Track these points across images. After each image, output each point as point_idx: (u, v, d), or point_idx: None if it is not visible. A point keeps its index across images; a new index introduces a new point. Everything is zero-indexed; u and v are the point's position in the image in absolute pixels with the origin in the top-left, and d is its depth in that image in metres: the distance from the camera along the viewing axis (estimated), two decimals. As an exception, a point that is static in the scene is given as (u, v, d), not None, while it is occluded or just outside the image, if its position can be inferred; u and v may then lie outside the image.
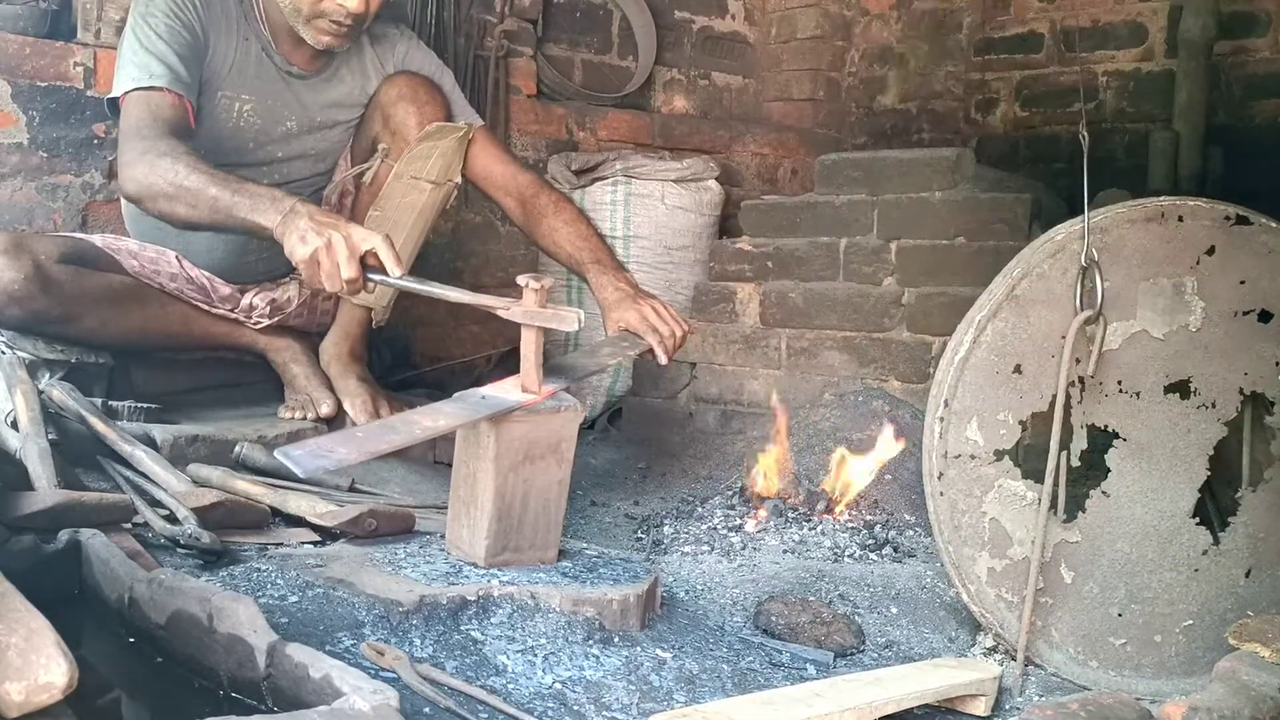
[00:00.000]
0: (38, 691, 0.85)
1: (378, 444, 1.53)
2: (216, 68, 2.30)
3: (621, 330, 2.09)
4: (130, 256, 2.35)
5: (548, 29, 3.62)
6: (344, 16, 2.23)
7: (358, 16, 2.24)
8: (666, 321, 2.07)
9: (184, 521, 1.65)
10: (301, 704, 1.13)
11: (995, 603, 1.68)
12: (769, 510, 2.17)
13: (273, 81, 2.38)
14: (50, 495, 1.58)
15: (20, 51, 2.60)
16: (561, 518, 1.70)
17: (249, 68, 2.34)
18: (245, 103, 2.35)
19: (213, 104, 2.32)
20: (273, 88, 2.38)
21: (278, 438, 2.26)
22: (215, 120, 2.34)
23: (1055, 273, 1.67)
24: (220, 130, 2.35)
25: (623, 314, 2.09)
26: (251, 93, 2.35)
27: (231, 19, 2.31)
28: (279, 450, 1.48)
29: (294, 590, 1.51)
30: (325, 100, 2.45)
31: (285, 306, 2.51)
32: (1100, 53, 3.73)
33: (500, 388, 1.70)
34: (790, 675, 1.58)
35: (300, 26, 2.28)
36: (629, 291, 2.15)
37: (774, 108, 4.19)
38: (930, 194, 2.71)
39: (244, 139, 2.39)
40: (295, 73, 2.40)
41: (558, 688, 1.39)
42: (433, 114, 2.42)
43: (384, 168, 2.44)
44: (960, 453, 1.68)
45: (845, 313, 2.79)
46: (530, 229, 2.42)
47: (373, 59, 2.48)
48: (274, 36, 2.35)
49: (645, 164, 3.26)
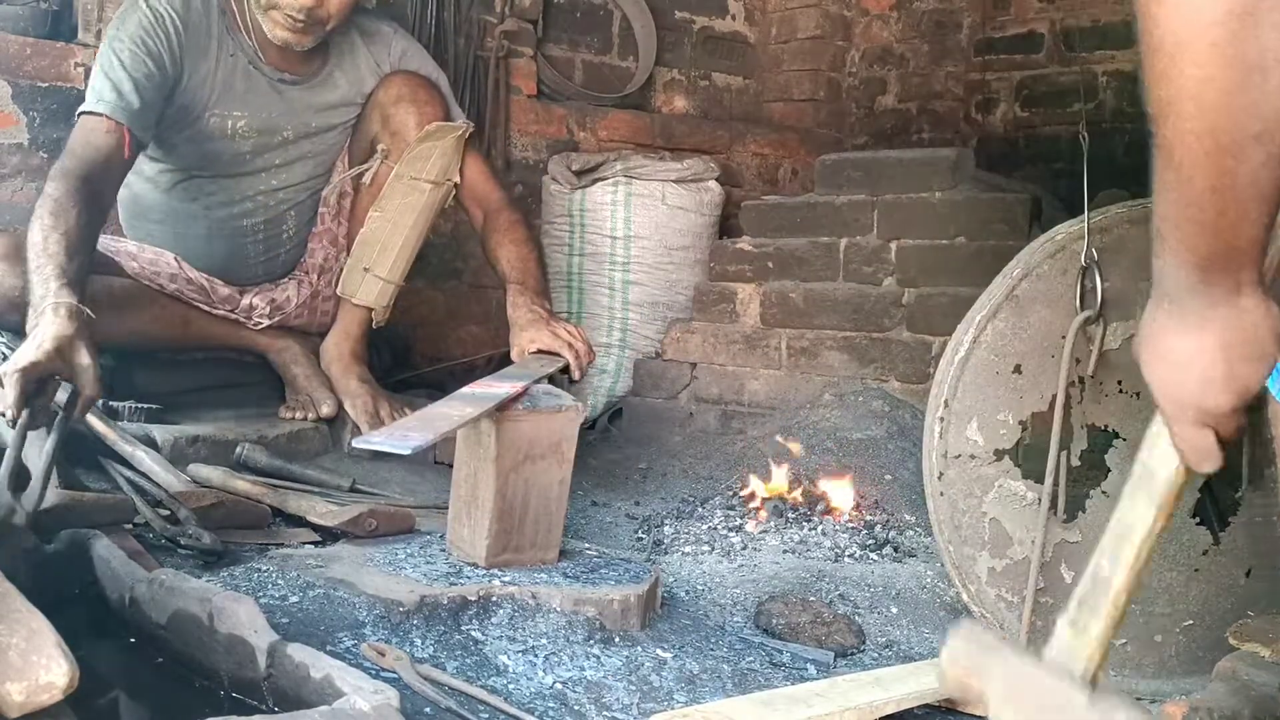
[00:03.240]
0: (38, 691, 0.85)
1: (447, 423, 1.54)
2: (198, 90, 2.29)
3: (535, 351, 2.12)
4: (130, 258, 2.35)
5: (548, 29, 3.62)
6: (296, 11, 2.21)
7: (309, 11, 2.22)
8: (578, 340, 2.13)
9: (184, 522, 1.65)
10: (302, 704, 1.13)
11: (995, 602, 1.68)
12: (769, 510, 2.18)
13: (263, 93, 2.36)
14: (51, 495, 1.58)
15: (21, 52, 2.61)
16: (562, 518, 1.70)
17: (237, 83, 2.33)
18: (238, 119, 2.34)
19: (204, 124, 2.31)
20: (264, 99, 2.36)
21: (278, 438, 2.27)
22: (209, 138, 2.33)
23: (1055, 273, 1.67)
24: (215, 147, 2.35)
25: (537, 334, 2.13)
26: (243, 107, 2.34)
27: (213, 38, 2.30)
28: (357, 440, 1.55)
29: (294, 590, 1.51)
30: (320, 103, 2.44)
31: (285, 307, 2.51)
32: (1100, 53, 3.73)
33: (483, 384, 1.72)
34: (791, 675, 1.58)
35: (260, 17, 2.27)
36: (543, 315, 2.20)
37: (774, 108, 4.19)
38: (930, 194, 2.71)
39: (239, 151, 2.38)
40: (287, 79, 2.38)
41: (558, 688, 1.39)
42: (432, 114, 2.42)
43: (383, 168, 2.44)
44: (960, 453, 1.68)
45: (845, 313, 2.79)
46: (484, 238, 2.47)
47: (367, 58, 2.47)
48: (261, 48, 2.34)
49: (645, 164, 3.26)
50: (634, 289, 3.26)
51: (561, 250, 3.34)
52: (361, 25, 2.48)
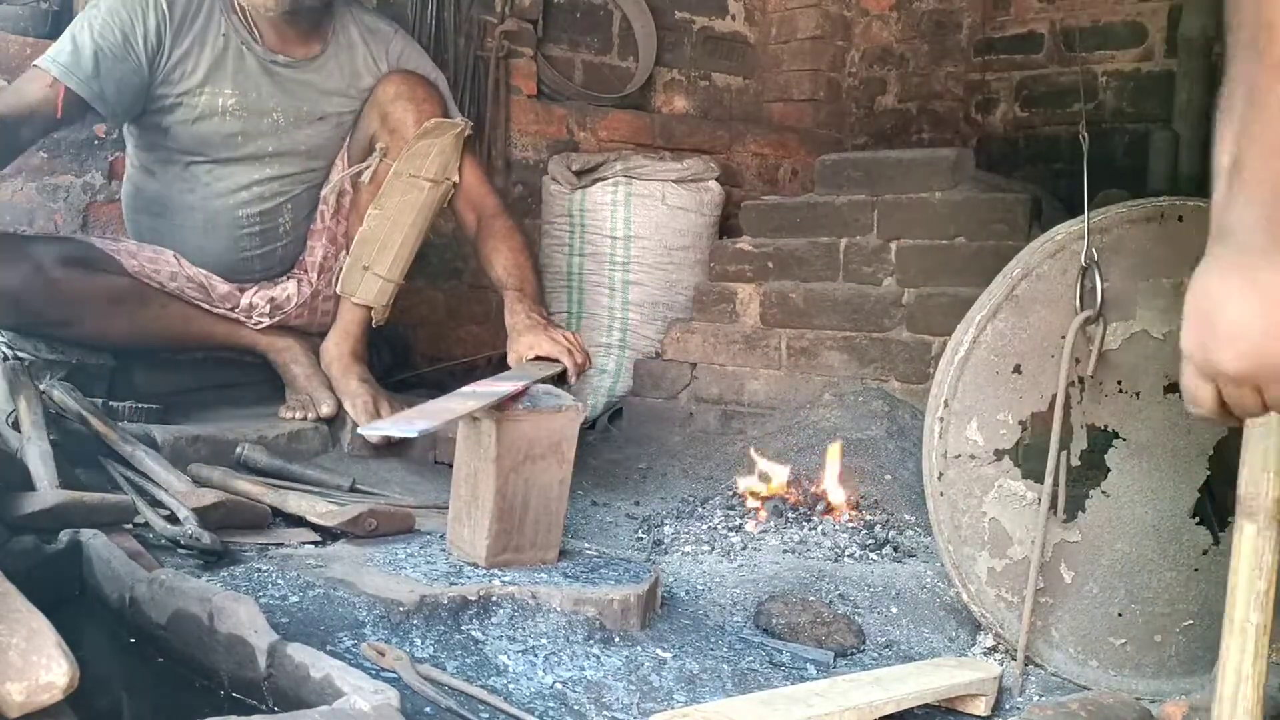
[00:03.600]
0: (38, 691, 0.85)
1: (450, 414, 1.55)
2: (187, 68, 2.33)
3: (533, 357, 2.15)
4: (130, 256, 2.36)
5: (548, 29, 3.62)
6: None
7: None
8: (575, 346, 2.17)
9: (184, 522, 1.65)
10: (302, 704, 1.13)
11: (995, 602, 1.68)
12: (769, 510, 2.18)
13: (255, 74, 2.39)
14: (51, 495, 1.58)
15: (21, 52, 2.60)
16: (562, 518, 1.70)
17: (228, 63, 2.36)
18: (228, 97, 2.38)
19: (194, 103, 2.35)
20: (255, 80, 2.40)
21: (278, 438, 2.27)
22: (201, 117, 2.36)
23: (1055, 273, 1.67)
24: (206, 128, 2.38)
25: (535, 339, 2.17)
26: (233, 87, 2.38)
27: (205, 17, 2.34)
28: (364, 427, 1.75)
29: (294, 590, 1.51)
30: (314, 88, 2.46)
31: (285, 305, 2.51)
32: (1100, 53, 3.73)
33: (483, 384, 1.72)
34: (790, 675, 1.58)
35: None
36: (540, 321, 2.24)
37: (774, 108, 4.19)
38: (930, 194, 2.71)
39: (230, 133, 2.40)
40: (281, 61, 2.42)
41: (558, 688, 1.39)
42: (430, 111, 2.43)
43: (383, 167, 2.45)
44: (960, 453, 1.68)
45: (845, 313, 2.79)
46: (478, 243, 2.49)
47: (365, 55, 2.49)
48: (256, 28, 2.38)
49: (645, 164, 3.26)
50: (634, 289, 3.26)
51: (561, 250, 3.34)
52: (363, 21, 2.51)
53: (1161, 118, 3.46)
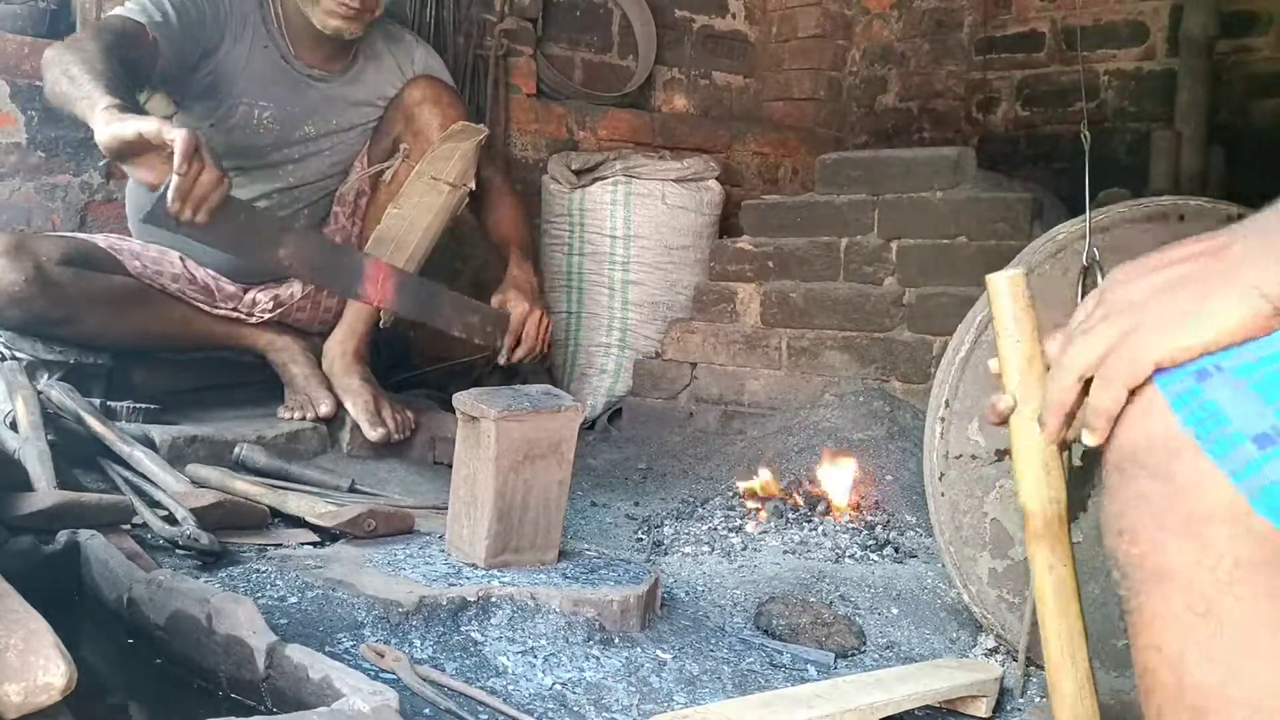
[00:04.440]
0: (36, 692, 0.84)
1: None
2: (230, 72, 2.34)
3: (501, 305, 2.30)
4: (133, 257, 2.36)
5: (548, 28, 3.62)
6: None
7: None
8: (533, 333, 2.30)
9: (183, 522, 1.65)
10: (301, 705, 1.13)
11: (997, 603, 1.68)
12: (769, 511, 2.17)
13: (292, 87, 2.42)
14: (49, 496, 1.58)
15: (19, 51, 2.60)
16: (562, 518, 1.70)
17: (266, 73, 2.38)
18: (264, 109, 2.40)
19: (231, 111, 2.37)
20: (292, 93, 2.42)
21: (277, 438, 2.26)
22: (236, 127, 2.38)
23: (1056, 272, 1.66)
24: (238, 138, 2.39)
25: (518, 302, 2.30)
26: (270, 99, 2.40)
27: (249, 25, 2.37)
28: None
29: (293, 591, 1.51)
30: (347, 100, 2.50)
31: (288, 301, 2.51)
32: (1101, 52, 3.72)
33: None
34: (791, 676, 1.58)
35: (309, 9, 2.33)
36: (530, 290, 2.35)
37: (774, 107, 4.18)
38: (931, 193, 2.71)
39: (261, 143, 2.42)
40: (316, 75, 2.45)
41: (558, 689, 1.38)
42: (455, 117, 2.47)
43: (404, 167, 2.48)
44: (962, 453, 1.68)
45: (846, 313, 2.78)
46: (479, 212, 2.60)
47: (391, 64, 2.54)
48: (294, 42, 2.41)
49: (645, 163, 3.26)
50: (634, 289, 3.25)
51: (561, 250, 3.33)
52: (385, 29, 2.57)
53: (1163, 117, 3.46)
